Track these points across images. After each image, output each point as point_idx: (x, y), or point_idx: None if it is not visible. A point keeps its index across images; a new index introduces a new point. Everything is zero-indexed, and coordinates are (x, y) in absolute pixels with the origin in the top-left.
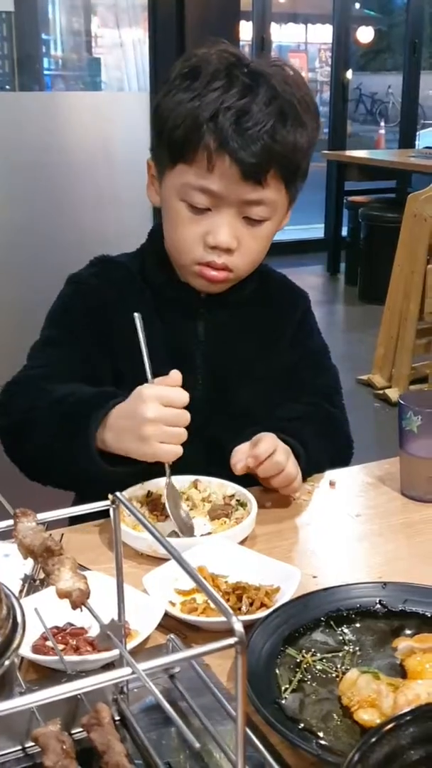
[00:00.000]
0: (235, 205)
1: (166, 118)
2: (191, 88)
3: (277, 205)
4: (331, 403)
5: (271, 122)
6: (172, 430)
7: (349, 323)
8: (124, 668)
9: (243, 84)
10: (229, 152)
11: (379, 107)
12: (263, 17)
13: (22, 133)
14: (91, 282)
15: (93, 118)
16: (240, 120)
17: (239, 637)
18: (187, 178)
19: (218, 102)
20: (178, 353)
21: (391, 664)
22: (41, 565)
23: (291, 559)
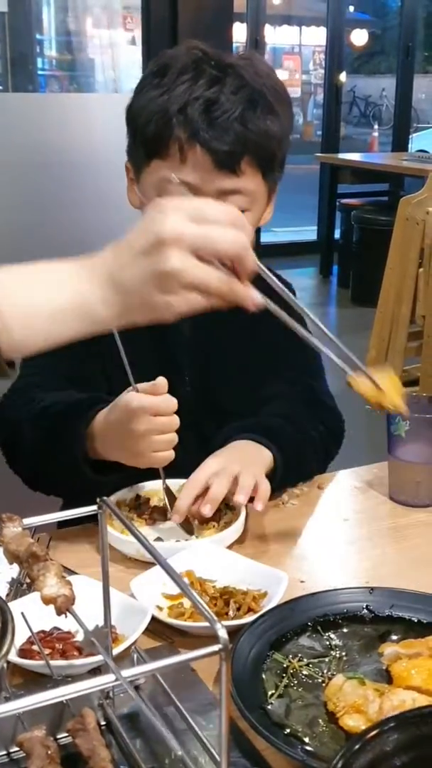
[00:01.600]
0: (213, 196)
1: (138, 116)
2: (161, 84)
3: (256, 195)
4: (313, 377)
5: (240, 109)
6: (163, 438)
7: (340, 325)
8: (109, 675)
9: (211, 75)
10: (200, 142)
11: (373, 110)
12: (257, 19)
13: (14, 135)
14: None
15: (86, 120)
16: (209, 109)
17: (223, 644)
18: (162, 173)
19: (186, 94)
20: (164, 353)
21: (377, 670)
22: (26, 571)
23: (278, 563)
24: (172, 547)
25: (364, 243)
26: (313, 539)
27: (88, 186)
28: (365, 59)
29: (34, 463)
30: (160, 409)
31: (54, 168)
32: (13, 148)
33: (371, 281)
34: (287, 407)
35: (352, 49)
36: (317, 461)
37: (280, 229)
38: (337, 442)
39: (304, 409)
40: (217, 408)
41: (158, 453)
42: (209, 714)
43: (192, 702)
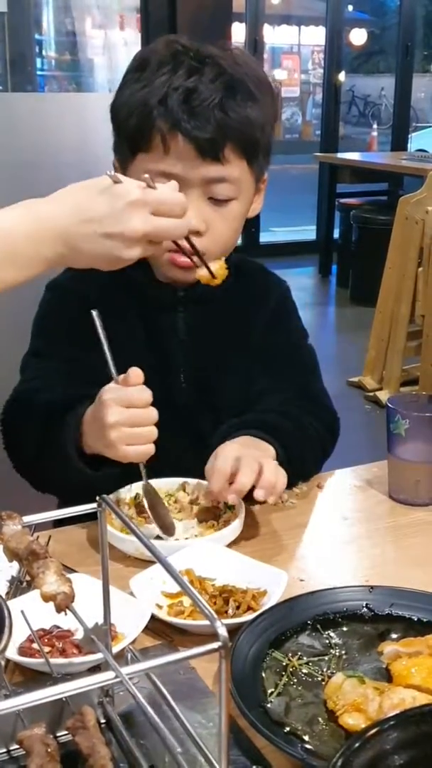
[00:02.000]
0: (198, 185)
1: (120, 111)
2: (141, 78)
3: (242, 184)
4: (310, 376)
5: (219, 96)
6: (136, 431)
7: (340, 325)
8: (109, 672)
9: (189, 66)
10: (181, 131)
11: (372, 109)
12: (256, 19)
13: (14, 134)
14: (70, 286)
15: (85, 119)
16: (188, 98)
17: (223, 642)
18: (147, 166)
19: (166, 86)
20: (160, 352)
21: (376, 668)
22: (26, 569)
23: (278, 562)
24: (172, 545)
25: (364, 242)
26: (313, 538)
27: None
28: (364, 58)
29: (37, 466)
30: (131, 401)
31: (52, 167)
32: (12, 147)
33: (370, 281)
34: (282, 403)
35: (351, 49)
36: (315, 458)
37: (279, 229)
38: (333, 439)
39: (299, 406)
40: (213, 407)
41: (133, 446)
42: (209, 712)
43: (191, 700)
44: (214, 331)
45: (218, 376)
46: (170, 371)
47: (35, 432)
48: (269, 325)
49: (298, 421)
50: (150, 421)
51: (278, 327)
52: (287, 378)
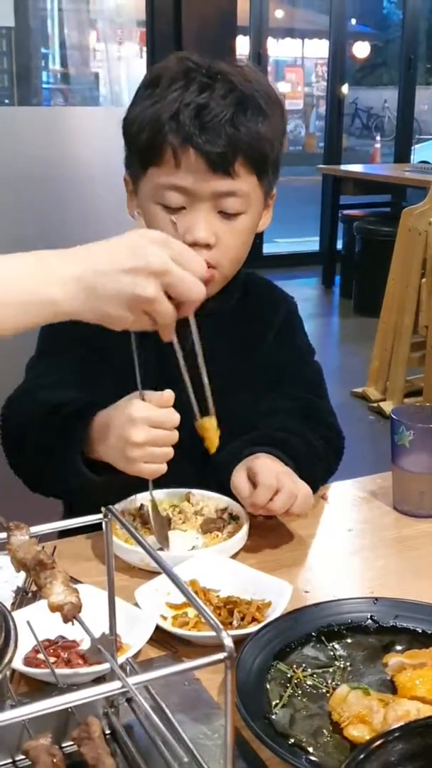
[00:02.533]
0: (208, 199)
1: (132, 126)
2: (153, 94)
3: (251, 198)
4: (315, 394)
5: (230, 112)
6: (158, 451)
7: (343, 336)
8: (115, 682)
9: (201, 83)
10: (192, 146)
11: (375, 121)
12: (260, 32)
13: (20, 147)
14: None
15: (90, 133)
16: (200, 114)
17: (228, 652)
18: (158, 180)
19: (177, 101)
20: (168, 366)
21: (381, 680)
22: (33, 579)
23: (283, 573)
24: (176, 556)
25: (367, 254)
26: (318, 549)
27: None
28: (367, 71)
29: (36, 464)
30: (162, 422)
31: (57, 180)
32: (18, 161)
33: (374, 291)
34: (288, 421)
35: (354, 62)
36: (323, 476)
37: (283, 240)
38: (337, 459)
39: (304, 424)
40: (219, 420)
41: (150, 465)
42: (213, 724)
43: (196, 711)
44: (222, 348)
45: (224, 391)
46: (178, 384)
47: (38, 428)
48: (276, 342)
49: (307, 439)
50: (172, 443)
51: (285, 344)
52: (293, 396)
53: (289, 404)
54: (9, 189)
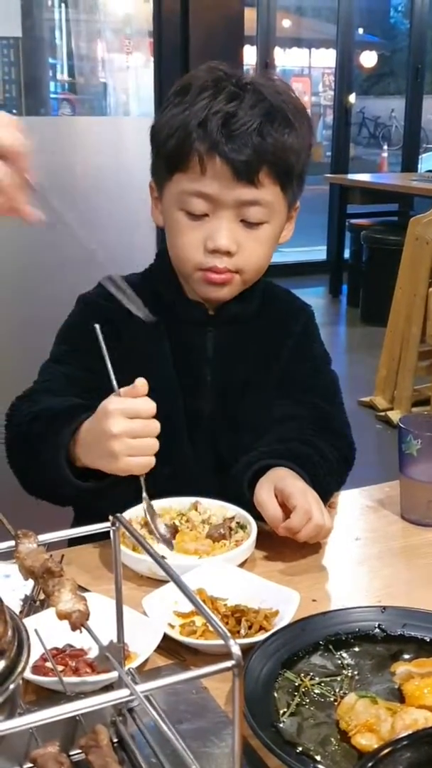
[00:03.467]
0: (232, 207)
1: (160, 132)
2: (182, 102)
3: (275, 208)
4: (330, 403)
5: (258, 122)
6: (139, 443)
7: (351, 345)
8: (123, 690)
9: (230, 92)
10: (219, 153)
11: (382, 131)
12: (267, 42)
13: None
14: (99, 302)
15: (98, 143)
16: (228, 122)
17: (236, 660)
18: (183, 186)
19: (206, 109)
20: (187, 370)
21: (389, 689)
22: (41, 587)
23: (290, 582)
24: (184, 564)
25: (374, 263)
26: (325, 558)
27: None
28: (374, 80)
29: (26, 466)
30: (137, 411)
31: (65, 190)
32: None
33: (381, 301)
34: (302, 431)
35: (361, 71)
36: (336, 487)
37: (290, 249)
38: (348, 469)
39: (318, 435)
40: (235, 427)
41: (134, 458)
42: (221, 732)
43: (204, 720)
44: (242, 352)
45: (242, 396)
46: (197, 389)
47: (28, 431)
48: (294, 350)
49: (322, 451)
50: (153, 433)
51: (302, 352)
52: (307, 404)
53: (304, 412)
54: None
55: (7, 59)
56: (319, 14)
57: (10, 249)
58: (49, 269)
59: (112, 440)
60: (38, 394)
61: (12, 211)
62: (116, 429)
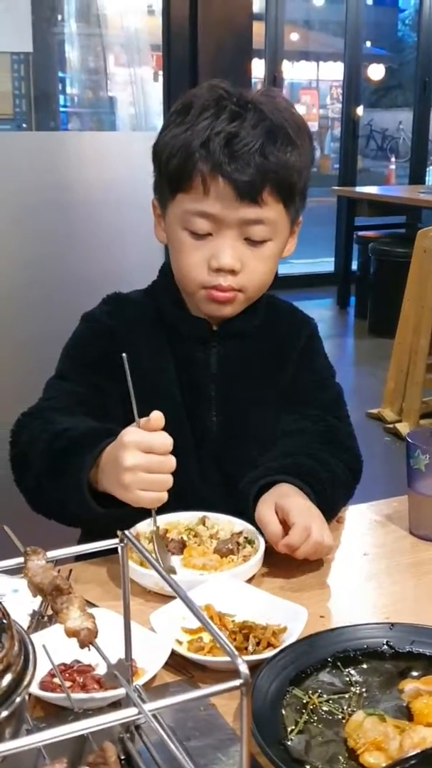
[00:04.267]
0: (235, 226)
1: (162, 152)
2: (184, 122)
3: (278, 225)
4: (336, 416)
5: (260, 141)
6: (152, 477)
7: (359, 357)
8: (131, 708)
9: (232, 111)
10: (222, 174)
11: (390, 143)
12: (275, 55)
13: (38, 172)
14: (103, 320)
15: (106, 157)
16: (230, 142)
17: (244, 679)
18: (186, 206)
19: (208, 129)
20: (192, 387)
21: (397, 706)
22: (50, 604)
23: (298, 598)
24: (192, 580)
25: (382, 274)
26: (333, 574)
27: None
28: (382, 93)
29: (39, 483)
30: (152, 446)
31: (74, 204)
32: (36, 185)
33: (389, 312)
34: (308, 445)
35: (369, 84)
36: (344, 501)
37: (298, 261)
38: (355, 483)
39: (325, 448)
40: (240, 442)
41: (146, 492)
42: (229, 749)
43: (212, 737)
44: (246, 367)
45: (247, 411)
46: (201, 405)
47: (43, 449)
48: (297, 364)
49: (328, 465)
50: (167, 469)
51: (306, 366)
52: (313, 417)
53: (310, 426)
54: (27, 214)
55: (17, 74)
56: (326, 28)
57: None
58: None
59: (125, 472)
60: (48, 412)
61: None
62: (129, 462)
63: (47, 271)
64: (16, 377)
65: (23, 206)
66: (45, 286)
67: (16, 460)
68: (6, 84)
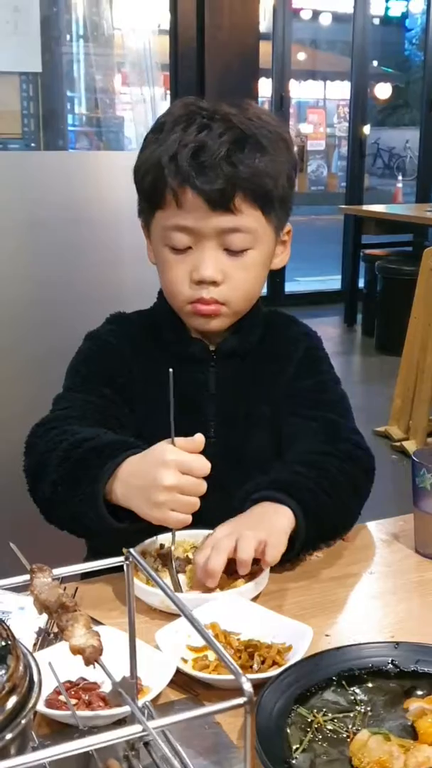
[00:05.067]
0: (213, 237)
1: (138, 171)
2: (157, 139)
3: (258, 234)
4: (336, 413)
5: (225, 149)
6: (186, 499)
7: (365, 374)
8: (135, 725)
9: (200, 123)
10: (191, 185)
11: (397, 161)
12: (282, 75)
13: (47, 192)
14: (109, 339)
15: (114, 177)
16: (197, 153)
17: (248, 697)
18: (164, 222)
19: (176, 143)
20: (190, 407)
21: (402, 725)
22: (56, 621)
23: (303, 616)
24: (197, 598)
25: (389, 292)
26: (339, 592)
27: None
28: (389, 112)
29: (54, 493)
30: (192, 469)
31: (82, 224)
32: (44, 205)
33: (396, 330)
34: (310, 449)
35: (375, 102)
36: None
37: (305, 279)
38: (368, 479)
39: (328, 447)
40: (240, 461)
41: (176, 513)
42: None
43: (216, 755)
44: (245, 385)
45: (247, 430)
46: (201, 425)
47: (65, 458)
48: (295, 373)
49: (325, 469)
50: (199, 492)
51: (304, 372)
52: (316, 419)
53: (311, 425)
54: (36, 232)
55: (26, 94)
56: (333, 47)
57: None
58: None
59: (162, 491)
60: (62, 422)
61: None
62: (169, 481)
63: (55, 289)
64: (25, 394)
65: (31, 225)
66: (53, 304)
67: (31, 469)
68: (15, 103)
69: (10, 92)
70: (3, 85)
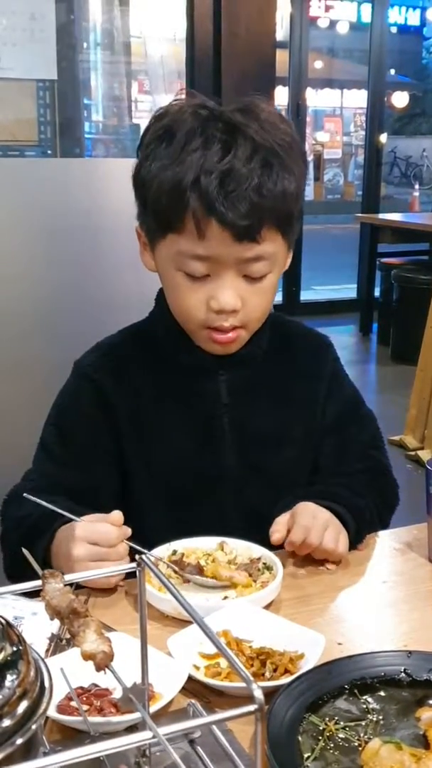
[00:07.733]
0: (233, 266)
1: (149, 187)
2: (168, 152)
3: (277, 256)
4: (376, 447)
5: (256, 178)
6: (98, 565)
7: (381, 383)
8: (146, 732)
9: (221, 141)
10: (217, 216)
11: (414, 170)
12: (299, 83)
13: (62, 198)
14: (91, 375)
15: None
16: (224, 181)
17: (259, 705)
18: (179, 247)
19: (199, 164)
20: (203, 420)
21: (414, 735)
22: (67, 627)
23: (316, 624)
24: (209, 606)
25: (404, 301)
26: (352, 601)
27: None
28: (406, 120)
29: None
30: (97, 541)
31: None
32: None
33: (411, 339)
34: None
35: (392, 111)
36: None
37: (321, 287)
38: (391, 512)
39: (366, 479)
40: (262, 471)
41: None
42: None
43: (228, 763)
44: (261, 394)
45: (270, 444)
46: (215, 436)
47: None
48: (328, 393)
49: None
50: (116, 558)
51: (337, 395)
52: (353, 451)
53: (358, 466)
54: (52, 239)
55: (42, 101)
56: (350, 55)
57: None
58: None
59: (74, 564)
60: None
61: None
62: (76, 552)
63: (71, 296)
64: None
65: (48, 232)
66: (68, 312)
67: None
68: (31, 111)
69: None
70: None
